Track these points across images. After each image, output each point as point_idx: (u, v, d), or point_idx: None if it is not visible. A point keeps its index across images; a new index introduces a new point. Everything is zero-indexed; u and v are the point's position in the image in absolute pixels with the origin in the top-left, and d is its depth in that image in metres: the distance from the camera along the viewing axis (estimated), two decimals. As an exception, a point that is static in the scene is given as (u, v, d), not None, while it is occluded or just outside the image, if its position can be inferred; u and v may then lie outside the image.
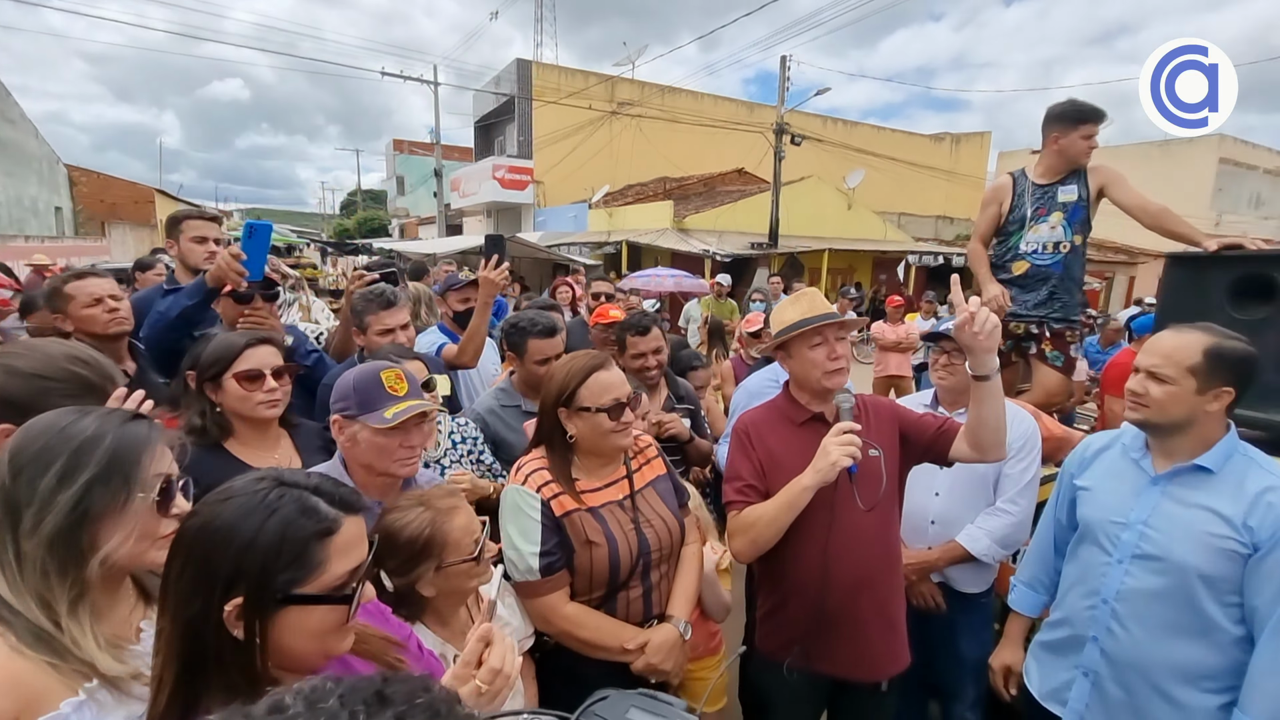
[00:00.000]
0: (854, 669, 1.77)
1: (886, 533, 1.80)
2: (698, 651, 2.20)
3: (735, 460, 1.84)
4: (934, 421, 1.83)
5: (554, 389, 1.68)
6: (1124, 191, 2.74)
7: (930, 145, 25.55)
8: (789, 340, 1.78)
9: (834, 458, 1.57)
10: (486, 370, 3.04)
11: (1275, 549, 1.40)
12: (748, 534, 1.71)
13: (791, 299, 1.83)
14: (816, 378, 1.74)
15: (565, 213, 19.31)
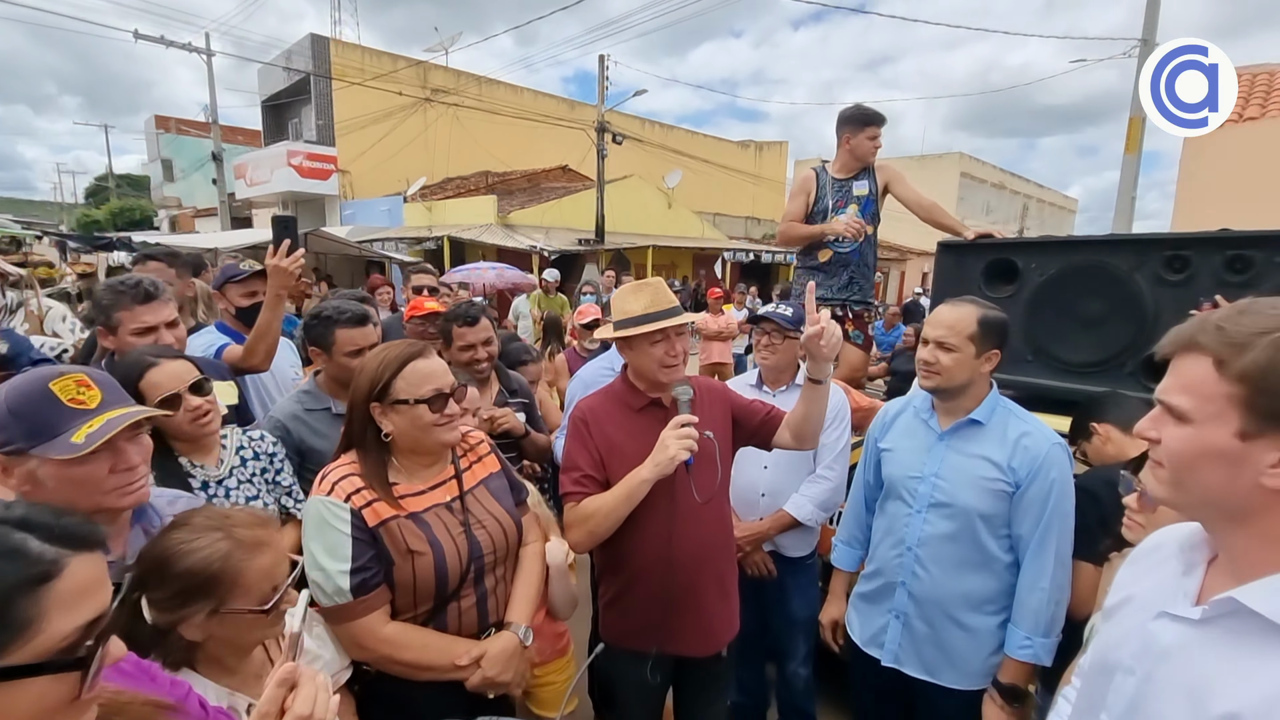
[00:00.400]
0: (700, 646, 1.80)
1: (722, 511, 1.85)
2: (545, 655, 2.10)
3: (572, 450, 1.78)
4: (761, 409, 1.92)
5: (364, 382, 1.48)
6: (904, 188, 3.14)
7: (738, 151, 27.65)
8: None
9: (672, 452, 1.58)
10: (285, 376, 2.64)
11: (1032, 484, 1.65)
12: (585, 525, 1.68)
13: (634, 287, 1.78)
14: (655, 371, 1.73)
15: (377, 206, 17.82)
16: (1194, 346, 0.78)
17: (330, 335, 2.06)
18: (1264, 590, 0.75)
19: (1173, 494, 0.83)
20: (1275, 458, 0.72)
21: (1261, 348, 0.71)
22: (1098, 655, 0.99)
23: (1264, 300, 0.77)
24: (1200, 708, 0.76)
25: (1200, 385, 0.77)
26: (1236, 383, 0.73)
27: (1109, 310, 2.37)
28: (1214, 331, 0.76)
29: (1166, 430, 0.81)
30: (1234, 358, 0.73)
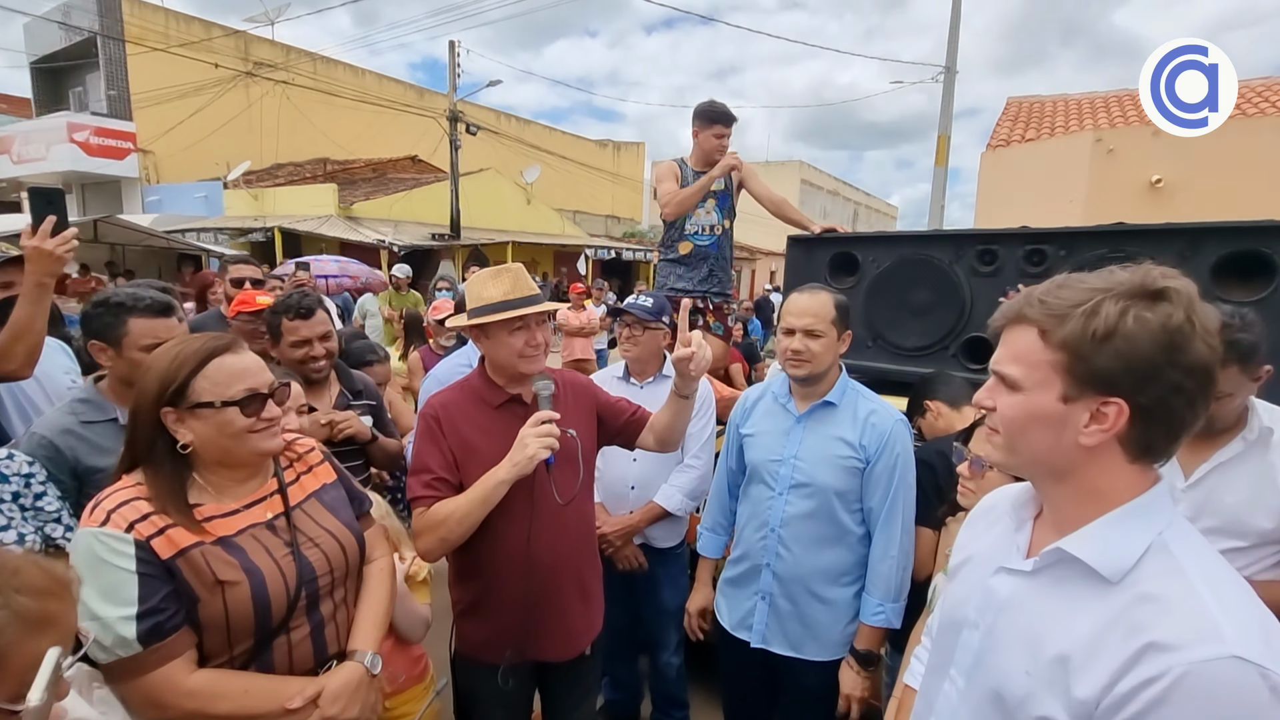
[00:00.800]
0: (560, 650, 1.73)
1: (584, 511, 1.78)
2: (399, 683, 1.88)
3: (424, 450, 1.62)
4: (626, 409, 1.87)
5: (153, 383, 1.22)
6: (756, 184, 3.27)
7: (597, 149, 27.80)
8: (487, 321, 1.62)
9: (531, 451, 1.48)
10: (58, 386, 2.16)
11: (880, 459, 1.76)
12: (436, 531, 1.54)
13: (492, 272, 1.65)
14: (515, 362, 1.62)
15: (191, 192, 15.61)
16: (1021, 319, 0.84)
17: (121, 326, 1.68)
18: (1083, 539, 0.81)
19: (1007, 456, 0.89)
20: (1087, 417, 0.79)
21: (1076, 318, 0.77)
22: (945, 614, 1.04)
23: (1077, 275, 0.83)
24: (1036, 652, 0.82)
25: (1028, 354, 0.82)
26: (1058, 350, 0.79)
27: (934, 299, 2.62)
28: (1038, 305, 0.81)
29: (1001, 399, 0.87)
30: (1056, 328, 0.79)
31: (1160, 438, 0.78)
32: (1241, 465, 1.58)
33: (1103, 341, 0.76)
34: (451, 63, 14.15)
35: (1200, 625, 0.70)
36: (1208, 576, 0.75)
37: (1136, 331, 0.74)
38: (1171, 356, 0.74)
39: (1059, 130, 9.10)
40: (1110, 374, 0.76)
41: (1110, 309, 0.76)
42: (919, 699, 1.11)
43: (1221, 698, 0.67)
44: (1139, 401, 0.76)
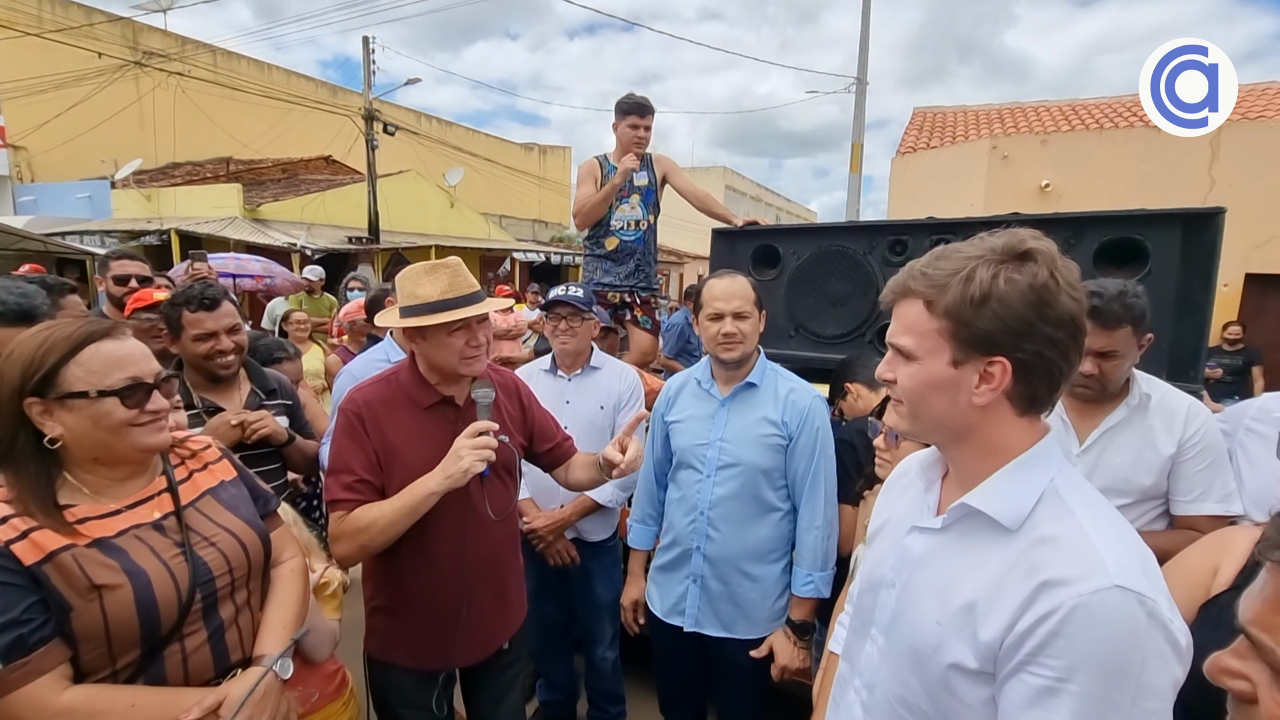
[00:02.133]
0: (479, 654, 1.68)
1: (510, 516, 1.72)
2: (312, 703, 1.76)
3: (344, 449, 1.52)
4: (556, 435, 1.82)
5: (14, 370, 1.09)
6: (680, 179, 3.31)
7: (522, 153, 27.43)
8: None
9: (466, 464, 1.41)
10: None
11: (800, 434, 1.81)
12: (358, 539, 1.45)
13: (428, 268, 1.53)
14: (454, 364, 1.53)
15: (72, 192, 14.23)
16: (907, 293, 0.89)
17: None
18: (984, 492, 0.86)
19: (911, 424, 0.93)
20: (976, 379, 0.84)
21: (955, 286, 0.82)
22: (864, 576, 1.08)
23: (954, 246, 0.88)
24: (946, 603, 0.86)
25: (917, 325, 0.87)
26: (943, 318, 0.84)
27: (851, 289, 2.73)
28: (920, 277, 0.87)
29: (899, 370, 0.91)
30: (938, 297, 0.84)
31: (1043, 389, 0.84)
32: (1125, 429, 1.72)
33: (980, 305, 0.81)
34: (366, 59, 13.61)
35: (1088, 560, 0.76)
36: (1094, 516, 0.81)
37: (1008, 292, 0.80)
38: (1041, 312, 0.80)
39: (960, 139, 9.75)
40: (990, 335, 0.81)
41: (983, 274, 0.81)
42: (842, 661, 1.14)
43: (1107, 624, 0.72)
44: (1019, 357, 0.81)
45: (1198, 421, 1.67)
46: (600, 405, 2.35)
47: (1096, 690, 0.72)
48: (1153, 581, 0.75)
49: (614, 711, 2.58)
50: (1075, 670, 0.72)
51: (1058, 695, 0.73)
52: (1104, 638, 0.72)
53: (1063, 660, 0.73)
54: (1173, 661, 0.73)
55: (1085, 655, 0.72)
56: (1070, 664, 0.73)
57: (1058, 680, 0.73)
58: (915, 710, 0.89)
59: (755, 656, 1.84)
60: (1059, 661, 0.73)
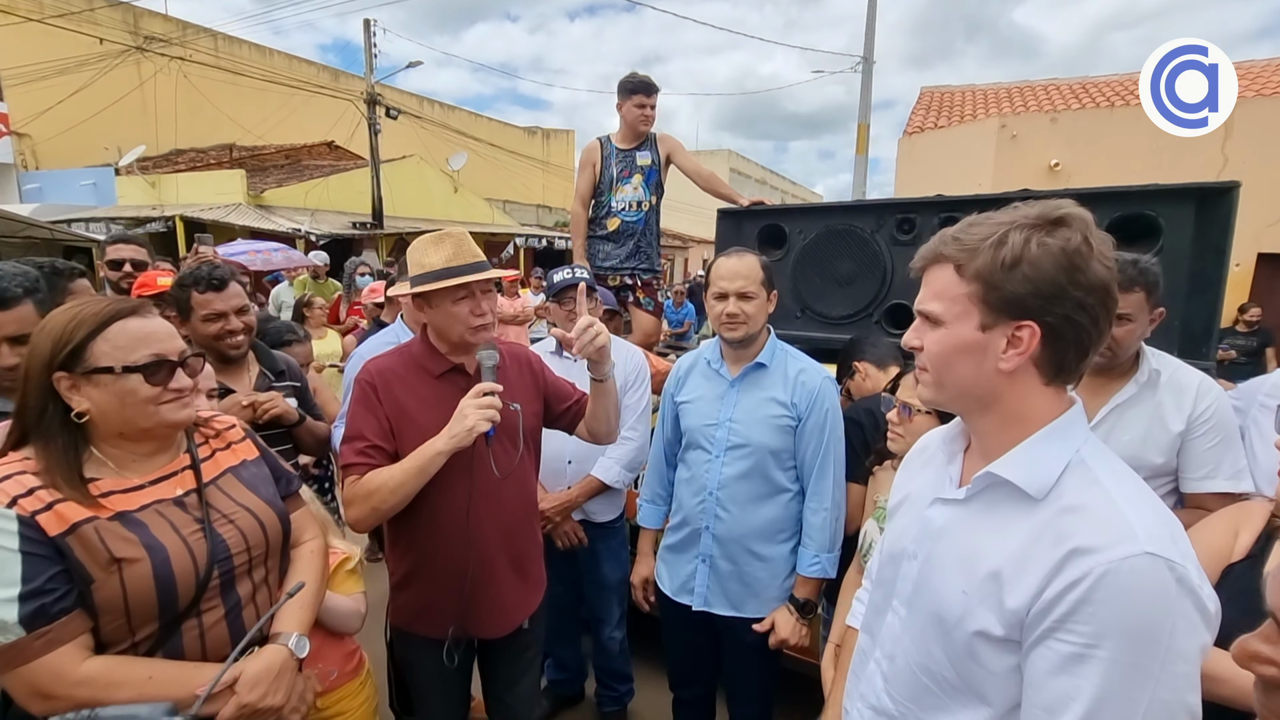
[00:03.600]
0: (496, 627, 1.69)
1: (526, 486, 1.74)
2: (331, 681, 1.78)
3: (358, 416, 1.56)
4: (571, 394, 1.84)
5: (45, 344, 1.12)
6: (684, 158, 3.28)
7: (525, 137, 27.24)
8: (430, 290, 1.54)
9: (470, 423, 1.43)
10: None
11: (810, 415, 1.81)
12: (369, 501, 1.48)
13: (434, 238, 1.58)
14: (460, 333, 1.56)
15: (77, 179, 14.21)
16: (939, 258, 0.88)
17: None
18: (1009, 461, 0.86)
19: (936, 392, 0.93)
20: (1004, 344, 0.84)
21: (987, 250, 0.83)
22: (885, 550, 1.08)
23: (986, 214, 0.88)
24: (971, 572, 0.86)
25: (946, 289, 0.87)
26: (973, 281, 0.84)
27: (858, 269, 2.71)
28: (952, 242, 0.87)
29: (926, 336, 0.91)
30: (969, 261, 0.84)
31: (1071, 356, 0.84)
32: (1135, 406, 1.71)
33: (1011, 268, 0.81)
34: (367, 42, 13.49)
35: (1117, 528, 0.76)
36: (1121, 485, 0.81)
37: (1040, 256, 0.80)
38: (1072, 276, 0.80)
39: (968, 118, 9.62)
40: (1020, 298, 0.81)
41: (1016, 238, 0.81)
42: (862, 634, 1.15)
43: (1137, 591, 0.72)
44: (1048, 322, 0.81)
45: (1209, 398, 1.66)
46: (606, 386, 2.34)
47: (1126, 656, 0.72)
48: (1181, 549, 0.75)
49: (622, 690, 2.61)
50: (1104, 636, 0.72)
51: (1086, 661, 0.73)
52: (1133, 604, 0.72)
53: (1091, 626, 0.73)
54: (1201, 628, 0.73)
55: (1114, 621, 0.72)
56: (1099, 630, 0.73)
57: (1086, 646, 0.73)
58: (938, 679, 0.90)
59: (758, 630, 1.85)
60: (1087, 627, 0.73)
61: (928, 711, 0.92)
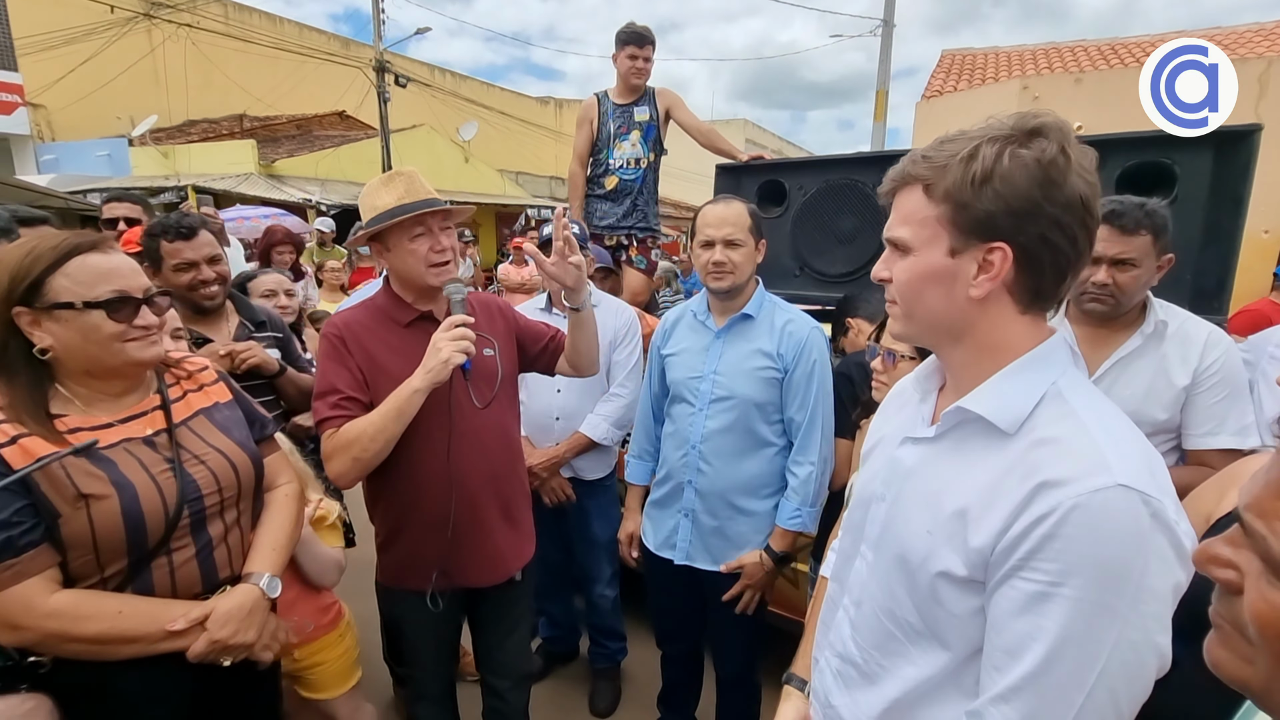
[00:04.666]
0: (487, 575, 1.67)
1: (508, 429, 1.72)
2: (307, 633, 1.79)
3: (329, 370, 1.52)
4: (545, 332, 1.80)
5: (3, 281, 1.10)
6: (684, 113, 3.19)
7: (538, 107, 26.88)
8: (385, 230, 1.50)
9: (445, 355, 1.40)
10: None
11: (797, 366, 1.75)
12: (349, 451, 1.44)
13: (384, 179, 1.53)
14: (420, 272, 1.52)
15: (92, 150, 14.28)
16: (907, 179, 0.82)
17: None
18: (980, 395, 0.81)
19: (906, 325, 0.88)
20: (975, 269, 0.77)
21: (956, 166, 0.76)
22: (857, 495, 1.04)
23: (965, 129, 0.80)
24: (936, 511, 0.81)
25: (915, 212, 0.81)
26: (942, 202, 0.77)
27: (859, 225, 2.62)
28: (921, 161, 0.80)
29: (895, 266, 0.85)
30: (939, 179, 0.77)
31: (1047, 280, 0.78)
32: (1139, 359, 1.63)
33: (981, 185, 0.74)
34: (375, 8, 13.30)
35: (1089, 460, 0.70)
36: (1099, 417, 0.75)
37: (1013, 170, 0.73)
38: (1048, 192, 0.73)
39: (989, 80, 9.29)
40: (991, 217, 0.75)
41: (988, 151, 0.75)
42: (831, 582, 1.12)
43: (1108, 524, 0.67)
44: (1020, 242, 0.75)
45: (1216, 350, 1.58)
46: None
47: (1092, 594, 0.67)
48: (1159, 483, 0.70)
49: (614, 648, 2.62)
50: (1070, 573, 0.68)
51: (1050, 600, 0.69)
52: (1103, 539, 0.67)
53: (1057, 563, 0.68)
54: (1175, 565, 0.68)
55: (1082, 557, 0.67)
56: (1065, 567, 0.68)
57: (1051, 584, 0.69)
58: (901, 623, 0.86)
59: (725, 569, 1.83)
60: (1053, 565, 0.68)
61: (889, 658, 0.88)
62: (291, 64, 17.04)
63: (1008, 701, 0.71)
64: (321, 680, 1.85)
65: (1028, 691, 0.70)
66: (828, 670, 1.00)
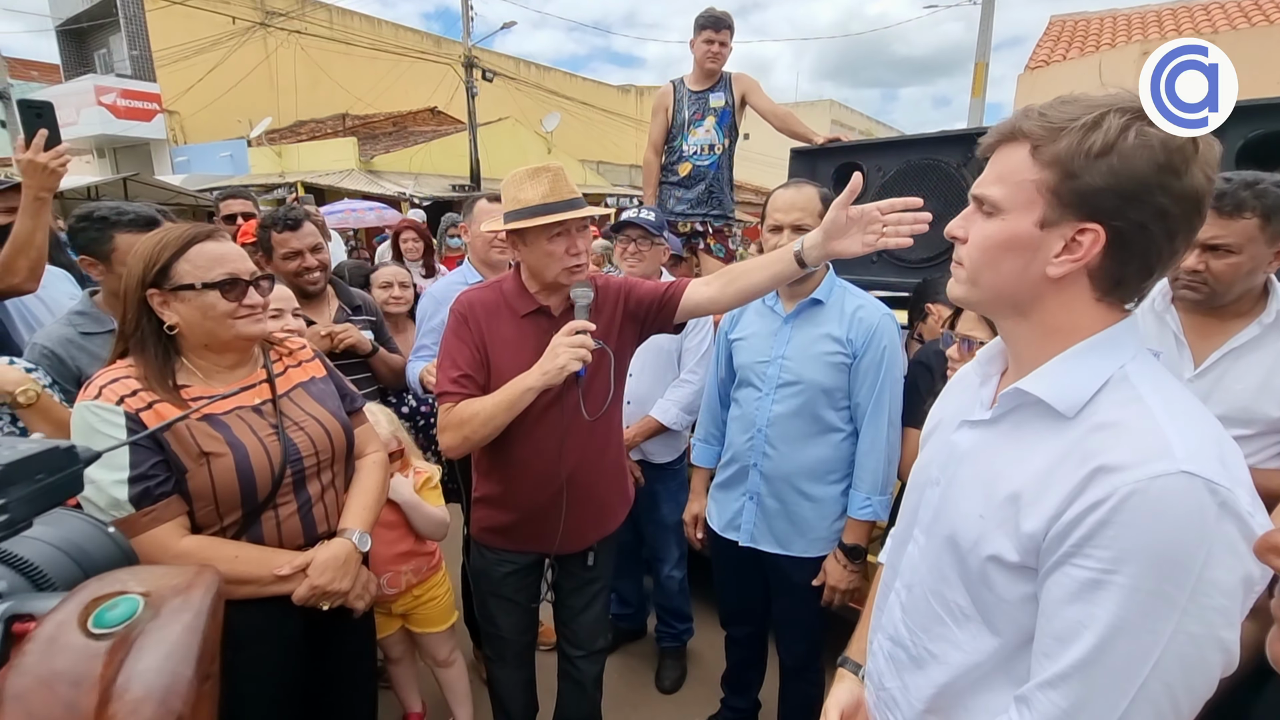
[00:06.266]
0: (573, 546, 1.74)
1: (615, 423, 1.76)
2: (423, 574, 2.06)
3: (452, 345, 1.60)
4: (657, 290, 1.68)
5: (138, 264, 1.27)
6: (760, 98, 3.14)
7: (619, 96, 27.05)
8: (525, 226, 1.52)
9: (562, 361, 1.42)
10: (63, 308, 2.24)
11: (866, 353, 1.72)
12: (461, 429, 1.53)
13: (530, 172, 1.53)
14: (555, 272, 1.54)
15: (217, 151, 15.74)
16: (1015, 135, 0.76)
17: (109, 240, 1.74)
18: (1039, 376, 0.77)
19: (968, 290, 0.83)
20: (1060, 246, 0.73)
21: (1074, 132, 0.70)
22: (913, 479, 1.02)
23: (1089, 92, 0.75)
24: (990, 495, 0.79)
25: (1015, 172, 0.75)
26: (1048, 167, 0.72)
27: (942, 207, 2.49)
28: (1036, 118, 0.74)
29: (975, 227, 0.80)
30: (1050, 141, 0.72)
31: (1133, 271, 0.73)
32: (1255, 350, 1.49)
33: (1097, 157, 0.69)
34: (464, 5, 13.80)
35: (1152, 445, 0.67)
36: (1167, 401, 0.71)
37: (1135, 149, 0.68)
38: (1165, 179, 0.68)
39: (1105, 47, 8.50)
40: (1096, 194, 0.70)
41: (1114, 122, 0.69)
42: (885, 567, 1.11)
43: (1167, 513, 0.64)
44: (1117, 226, 0.70)
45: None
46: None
47: (1148, 583, 0.64)
48: (1232, 472, 0.65)
49: (680, 629, 2.67)
50: (1124, 561, 0.65)
51: (1103, 587, 0.66)
52: (1162, 527, 0.63)
53: (1111, 550, 0.65)
54: (1246, 557, 0.63)
55: (1138, 545, 0.64)
56: (1119, 554, 0.65)
57: (1104, 572, 0.66)
58: (949, 606, 0.85)
59: (815, 585, 1.83)
60: (1107, 552, 0.66)
61: (937, 641, 0.87)
62: (388, 63, 18.02)
63: (1055, 688, 0.70)
64: (431, 615, 2.09)
65: (1077, 679, 0.68)
66: (880, 653, 1.00)
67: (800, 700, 2.04)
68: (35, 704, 0.31)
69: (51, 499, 0.44)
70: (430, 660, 2.20)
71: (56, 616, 0.34)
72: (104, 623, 0.34)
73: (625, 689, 2.60)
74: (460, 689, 2.22)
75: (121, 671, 0.31)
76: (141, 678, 0.31)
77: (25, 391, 1.44)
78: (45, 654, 0.32)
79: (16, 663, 0.32)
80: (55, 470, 0.44)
